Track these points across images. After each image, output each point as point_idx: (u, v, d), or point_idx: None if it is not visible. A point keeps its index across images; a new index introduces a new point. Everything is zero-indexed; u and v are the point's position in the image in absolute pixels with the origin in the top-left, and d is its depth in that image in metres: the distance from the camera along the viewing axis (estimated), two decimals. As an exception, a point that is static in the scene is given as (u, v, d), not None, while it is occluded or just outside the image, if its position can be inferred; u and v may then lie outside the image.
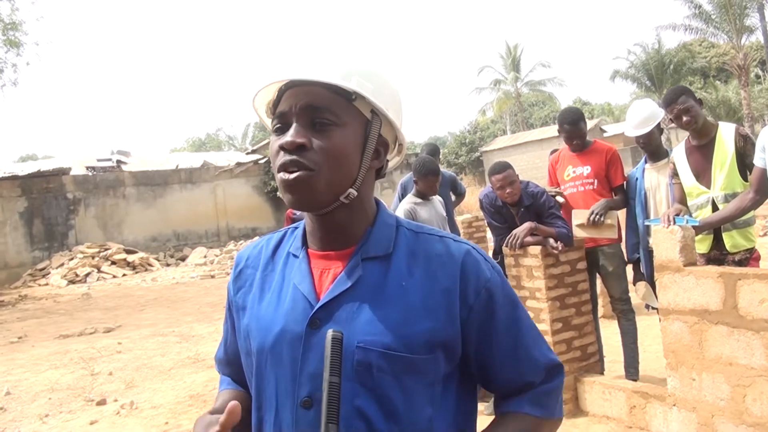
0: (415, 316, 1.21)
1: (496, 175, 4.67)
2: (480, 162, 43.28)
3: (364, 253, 1.27)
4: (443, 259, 1.27)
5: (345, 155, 1.22)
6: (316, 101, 1.22)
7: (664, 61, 40.49)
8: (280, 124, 1.25)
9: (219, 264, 19.71)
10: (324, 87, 1.22)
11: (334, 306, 1.22)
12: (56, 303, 14.81)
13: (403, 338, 1.20)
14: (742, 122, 32.83)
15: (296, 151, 1.20)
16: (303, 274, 1.28)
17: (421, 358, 1.21)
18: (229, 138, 70.35)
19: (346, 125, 1.23)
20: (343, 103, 1.23)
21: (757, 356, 3.24)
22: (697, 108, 4.13)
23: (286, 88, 1.25)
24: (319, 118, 1.21)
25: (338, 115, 1.22)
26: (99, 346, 8.89)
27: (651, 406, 4.02)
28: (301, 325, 1.22)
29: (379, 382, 1.19)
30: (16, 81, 20.64)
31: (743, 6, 32.82)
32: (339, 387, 1.07)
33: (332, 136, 1.21)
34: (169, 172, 24.16)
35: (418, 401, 1.22)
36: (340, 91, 1.23)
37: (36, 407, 6.28)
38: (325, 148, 1.20)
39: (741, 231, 4.09)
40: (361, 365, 1.18)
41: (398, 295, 1.23)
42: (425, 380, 1.22)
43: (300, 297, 1.25)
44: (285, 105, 1.24)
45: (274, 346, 1.24)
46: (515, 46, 51.19)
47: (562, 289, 4.73)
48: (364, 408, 1.18)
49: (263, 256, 1.39)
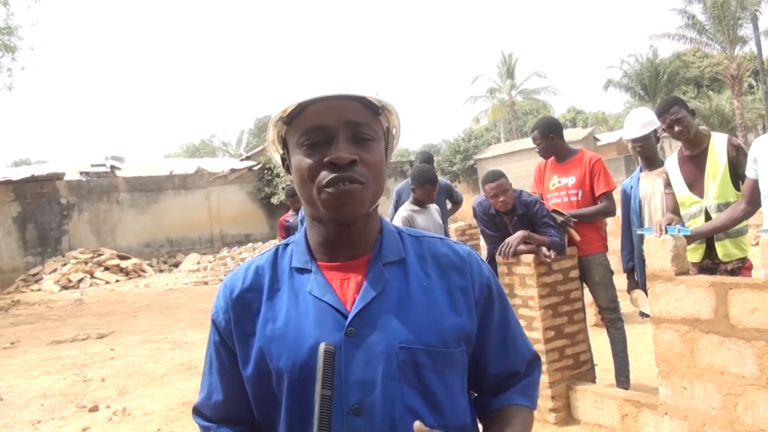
0: (442, 314, 1.29)
1: (490, 183, 4.69)
2: (474, 170, 43.35)
3: (383, 259, 1.32)
4: (452, 259, 1.36)
5: (383, 168, 1.30)
6: (356, 117, 1.26)
7: (658, 70, 40.74)
8: (318, 139, 1.25)
9: (212, 270, 19.63)
10: (357, 101, 1.27)
11: (366, 313, 1.25)
12: (49, 309, 14.75)
13: (438, 334, 1.26)
14: (735, 132, 33.01)
15: (348, 166, 1.23)
16: (323, 286, 1.29)
17: (455, 351, 1.29)
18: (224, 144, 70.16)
19: (380, 139, 1.31)
20: (374, 118, 1.29)
21: (749, 365, 3.25)
22: (689, 118, 4.15)
23: (311, 103, 1.26)
24: (362, 134, 1.26)
25: (374, 129, 1.29)
26: (92, 352, 8.86)
27: (643, 415, 4.03)
28: (336, 335, 1.23)
29: (423, 379, 1.24)
30: (11, 85, 20.56)
31: (737, 17, 33.10)
32: (331, 400, 1.11)
33: (374, 150, 1.28)
34: (163, 178, 24.10)
35: (456, 392, 1.30)
36: (370, 106, 1.28)
37: (28, 413, 6.26)
38: (370, 162, 1.26)
39: (733, 240, 4.11)
40: (405, 365, 1.23)
41: (422, 295, 1.30)
42: (458, 372, 1.31)
43: (326, 308, 1.26)
44: (320, 120, 1.25)
45: (309, 360, 1.21)
46: (510, 55, 51.38)
47: (555, 298, 4.74)
48: (414, 406, 1.23)
49: (264, 277, 1.35)
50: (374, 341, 1.23)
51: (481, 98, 52.06)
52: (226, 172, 25.23)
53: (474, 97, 52.11)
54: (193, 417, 1.47)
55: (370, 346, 1.23)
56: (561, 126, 5.27)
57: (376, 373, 1.22)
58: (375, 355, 1.22)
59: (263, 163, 25.54)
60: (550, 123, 5.23)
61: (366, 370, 1.21)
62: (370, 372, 1.22)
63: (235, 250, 21.94)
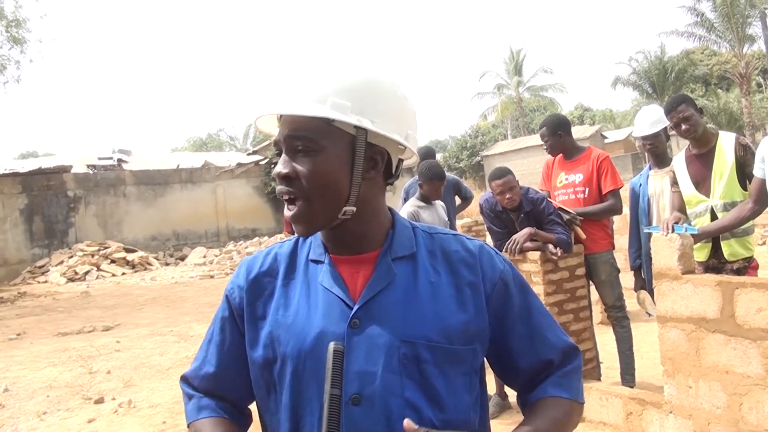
0: (448, 310, 1.29)
1: (496, 180, 4.68)
2: (481, 166, 43.26)
3: (392, 253, 1.32)
4: (461, 255, 1.35)
5: (329, 177, 1.26)
6: (294, 130, 1.27)
7: (666, 68, 40.57)
8: (277, 152, 1.32)
9: (218, 264, 19.69)
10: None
11: (372, 305, 1.27)
12: (55, 301, 14.81)
13: (442, 330, 1.27)
14: (743, 131, 32.87)
15: (284, 181, 1.27)
16: (333, 278, 1.31)
17: (460, 349, 1.28)
18: (231, 138, 70.33)
19: (325, 148, 1.26)
20: (322, 126, 1.26)
21: (754, 365, 3.25)
22: (697, 117, 4.14)
23: (282, 116, 1.31)
24: (300, 146, 1.26)
25: (315, 140, 1.26)
26: (98, 344, 8.89)
27: (648, 413, 4.03)
28: (341, 326, 1.26)
29: (424, 373, 1.25)
30: (19, 78, 20.71)
31: (745, 15, 32.96)
32: (340, 399, 1.14)
33: (313, 161, 1.26)
34: (170, 172, 24.16)
35: (459, 390, 1.29)
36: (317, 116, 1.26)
37: (34, 404, 6.29)
38: (307, 175, 1.25)
39: (739, 240, 4.10)
40: (406, 358, 1.24)
41: (430, 291, 1.30)
42: (463, 369, 1.30)
43: (334, 300, 1.28)
44: (278, 135, 1.31)
45: (313, 349, 1.25)
46: (518, 51, 51.31)
47: (561, 295, 4.74)
48: (413, 399, 1.24)
49: (281, 263, 1.39)
50: (377, 333, 1.24)
51: (489, 94, 52.03)
52: (233, 167, 25.25)
53: (481, 93, 52.15)
54: (179, 383, 1.49)
55: (372, 338, 1.24)
56: (569, 123, 5.26)
57: (377, 365, 1.23)
58: (376, 348, 1.24)
59: (270, 157, 25.53)
60: (559, 120, 5.22)
61: (367, 362, 1.23)
62: (371, 364, 1.23)
63: (241, 245, 21.96)
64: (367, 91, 1.29)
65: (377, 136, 1.29)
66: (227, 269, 18.31)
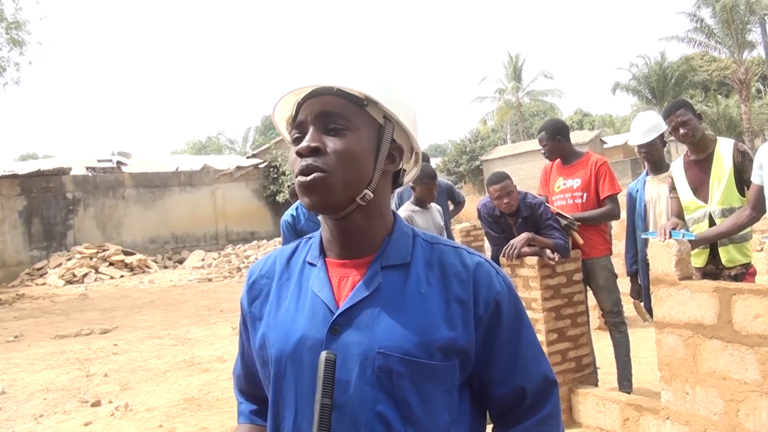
0: (434, 324, 1.24)
1: (494, 185, 4.69)
2: (480, 171, 43.25)
3: (383, 261, 1.30)
4: (457, 269, 1.30)
5: (358, 157, 1.27)
6: (329, 107, 1.27)
7: (666, 73, 40.61)
8: (298, 134, 1.30)
9: (217, 267, 19.67)
10: (337, 95, 1.28)
11: (354, 312, 1.25)
12: (53, 303, 14.80)
13: (422, 345, 1.22)
14: (743, 137, 32.91)
15: (311, 155, 1.25)
16: (322, 282, 1.30)
17: (439, 365, 1.23)
18: (230, 141, 70.28)
19: (359, 129, 1.27)
20: (356, 109, 1.28)
21: (751, 371, 3.25)
22: (695, 122, 4.14)
23: (303, 101, 1.30)
24: (333, 124, 1.26)
25: (350, 120, 1.27)
26: (95, 347, 8.89)
27: (644, 419, 4.02)
28: (322, 331, 1.24)
29: (398, 388, 1.21)
30: (19, 80, 20.69)
31: (745, 21, 33.03)
32: (331, 409, 1.13)
33: (345, 139, 1.26)
34: (169, 175, 24.16)
35: (437, 407, 1.24)
36: (353, 98, 1.28)
37: (31, 407, 6.28)
38: (339, 150, 1.25)
39: (737, 246, 4.10)
40: (381, 371, 1.21)
41: (417, 302, 1.26)
42: (442, 386, 1.24)
43: (320, 304, 1.28)
44: (302, 115, 1.30)
45: (294, 352, 1.26)
46: (517, 56, 51.30)
47: (558, 300, 4.74)
48: (384, 413, 1.20)
49: (278, 266, 1.40)
50: (354, 342, 1.22)
51: (488, 99, 52.02)
52: (232, 170, 25.27)
53: (480, 98, 52.06)
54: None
55: (349, 347, 1.22)
56: (568, 128, 5.26)
57: (351, 374, 1.21)
58: (352, 357, 1.21)
59: (269, 161, 25.58)
60: (558, 125, 5.23)
61: (342, 370, 1.19)
62: (346, 372, 1.21)
63: (240, 248, 21.95)
64: (396, 91, 1.33)
65: (401, 132, 1.33)
66: (225, 272, 18.31)
